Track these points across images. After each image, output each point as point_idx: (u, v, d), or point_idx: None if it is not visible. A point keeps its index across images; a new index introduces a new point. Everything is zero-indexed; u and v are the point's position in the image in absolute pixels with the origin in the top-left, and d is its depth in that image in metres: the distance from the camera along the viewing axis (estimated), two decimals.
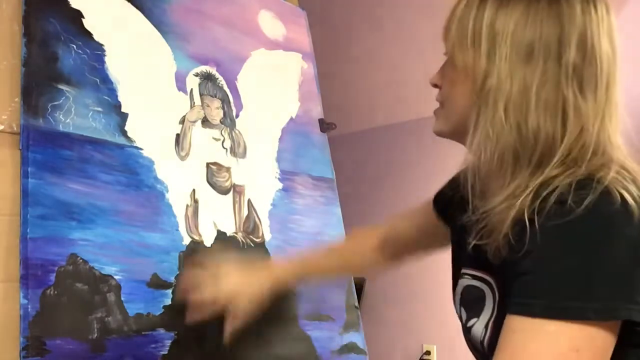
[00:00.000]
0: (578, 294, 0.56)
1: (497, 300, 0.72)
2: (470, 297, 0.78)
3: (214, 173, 1.20)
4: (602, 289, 0.56)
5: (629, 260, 0.57)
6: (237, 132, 1.28)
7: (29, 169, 0.91)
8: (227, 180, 1.22)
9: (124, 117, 1.07)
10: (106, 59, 1.07)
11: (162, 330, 0.99)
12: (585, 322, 0.56)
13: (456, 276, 0.85)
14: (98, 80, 1.05)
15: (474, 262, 0.79)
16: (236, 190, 1.23)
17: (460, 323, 0.82)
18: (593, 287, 0.56)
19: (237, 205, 1.22)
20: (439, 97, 0.78)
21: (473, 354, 0.80)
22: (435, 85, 0.79)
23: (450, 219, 0.90)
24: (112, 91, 1.06)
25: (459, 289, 0.82)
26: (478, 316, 0.74)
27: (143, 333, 0.97)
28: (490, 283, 0.74)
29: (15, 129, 0.93)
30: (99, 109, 1.03)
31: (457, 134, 0.75)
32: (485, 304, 0.73)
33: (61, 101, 0.98)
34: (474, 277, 0.78)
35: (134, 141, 1.07)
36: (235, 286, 1.00)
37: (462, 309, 0.79)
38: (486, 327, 0.72)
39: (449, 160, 0.81)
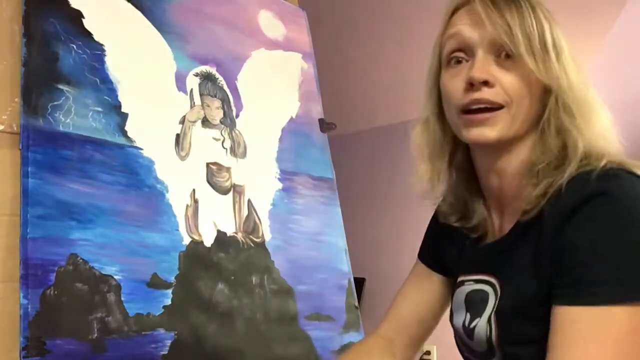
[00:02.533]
0: (636, 277, 0.59)
1: (499, 295, 0.74)
2: (474, 301, 0.79)
3: (214, 173, 1.20)
4: None
5: None
6: (237, 132, 1.28)
7: (29, 169, 0.91)
8: (227, 180, 1.22)
9: (124, 117, 1.07)
10: (106, 59, 1.07)
11: (162, 330, 0.99)
12: None
13: (453, 288, 0.87)
14: (98, 80, 1.05)
15: (476, 266, 0.81)
16: (236, 190, 1.23)
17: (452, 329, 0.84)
18: None
19: (237, 205, 1.22)
20: (500, 97, 0.72)
21: (468, 357, 0.81)
22: (486, 83, 0.72)
23: (443, 251, 0.92)
24: (112, 91, 1.06)
25: (460, 296, 0.83)
26: (480, 315, 0.76)
27: (143, 333, 0.97)
28: (492, 283, 0.77)
29: (15, 129, 0.93)
30: (99, 109, 1.03)
31: (517, 138, 0.74)
32: (488, 303, 0.75)
33: (61, 101, 0.98)
34: (477, 281, 0.80)
35: (134, 141, 1.07)
36: None
37: (467, 314, 0.80)
38: (489, 321, 0.74)
39: None
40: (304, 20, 1.58)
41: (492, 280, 0.77)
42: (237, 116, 1.29)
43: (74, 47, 1.03)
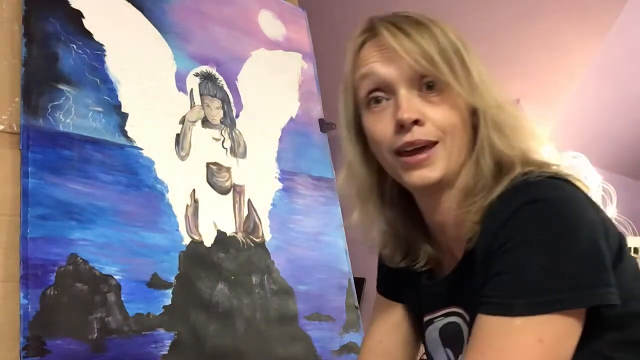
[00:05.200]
0: (555, 288, 0.57)
1: (469, 324, 0.71)
2: (450, 335, 0.77)
3: (214, 173, 1.20)
4: (573, 278, 0.58)
5: (597, 245, 0.59)
6: (237, 132, 1.28)
7: (29, 169, 0.91)
8: (227, 180, 1.22)
9: (124, 117, 1.07)
10: (106, 59, 1.07)
11: (162, 330, 0.99)
12: (555, 313, 0.57)
13: (422, 329, 0.84)
14: (98, 80, 1.05)
15: (440, 301, 0.78)
16: (236, 190, 1.23)
17: None
18: (566, 278, 0.58)
19: (237, 205, 1.22)
20: (433, 134, 0.69)
21: None
22: (417, 122, 0.68)
23: (399, 289, 0.87)
24: (112, 91, 1.06)
25: (434, 334, 0.80)
26: (462, 351, 0.73)
27: (143, 333, 0.97)
28: (460, 314, 0.74)
29: (15, 129, 0.93)
30: (99, 109, 1.03)
31: (454, 174, 0.70)
32: (463, 335, 0.73)
33: (61, 101, 0.98)
34: (446, 314, 0.77)
35: (134, 141, 1.07)
36: None
37: (447, 350, 0.78)
38: None
39: None
40: (304, 20, 1.58)
41: (459, 310, 0.74)
42: (237, 116, 1.29)
43: (74, 47, 1.03)
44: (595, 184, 3.29)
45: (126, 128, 1.06)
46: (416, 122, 0.68)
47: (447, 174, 0.70)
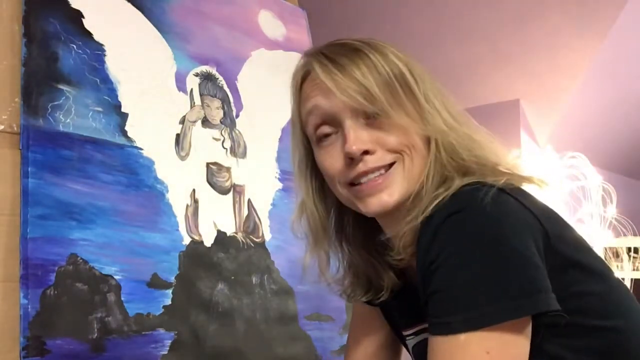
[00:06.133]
0: (487, 299, 0.55)
1: None
2: (424, 352, 0.74)
3: (214, 173, 1.20)
4: (507, 289, 0.55)
5: (526, 252, 0.57)
6: (237, 132, 1.28)
7: (29, 169, 0.91)
8: (227, 180, 1.22)
9: (124, 117, 1.07)
10: (106, 59, 1.07)
11: (162, 330, 0.99)
12: (494, 325, 0.55)
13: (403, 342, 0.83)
14: (98, 80, 1.05)
15: (410, 319, 0.77)
16: (236, 190, 1.23)
17: None
18: (499, 287, 0.55)
19: (237, 205, 1.22)
20: (386, 159, 0.67)
21: None
22: (366, 152, 0.67)
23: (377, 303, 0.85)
24: (112, 91, 1.06)
25: (409, 350, 0.80)
26: None
27: (143, 333, 0.97)
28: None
29: (15, 129, 0.93)
30: (99, 109, 1.03)
31: (410, 196, 0.67)
32: None
33: (61, 101, 0.98)
34: (417, 332, 0.76)
35: (134, 141, 1.07)
36: None
37: None
38: None
39: None
40: (304, 20, 1.58)
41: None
42: (237, 116, 1.29)
43: (74, 47, 1.03)
44: (595, 184, 3.29)
45: (126, 128, 1.06)
46: (366, 152, 0.66)
47: (405, 195, 0.67)
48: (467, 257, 0.57)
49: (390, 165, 0.67)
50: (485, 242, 0.57)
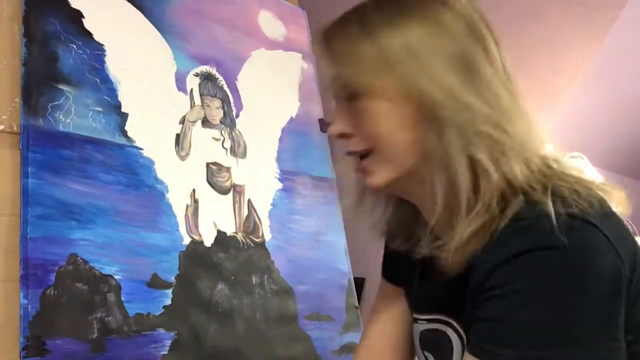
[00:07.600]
0: (550, 343, 0.53)
1: (465, 341, 0.68)
2: (432, 341, 0.74)
3: (214, 173, 1.20)
4: (577, 335, 0.53)
5: (605, 300, 0.54)
6: (237, 132, 1.28)
7: (29, 169, 0.91)
8: (227, 180, 1.22)
9: (124, 117, 1.07)
10: (106, 59, 1.07)
11: (162, 330, 0.99)
12: None
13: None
14: (98, 80, 1.05)
15: (425, 304, 0.75)
16: (236, 190, 1.23)
17: None
18: (567, 334, 0.53)
19: (237, 205, 1.22)
20: (362, 145, 0.64)
21: None
22: (342, 135, 0.65)
23: (403, 276, 0.83)
24: (112, 91, 1.06)
25: (415, 334, 0.78)
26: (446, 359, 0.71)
27: (143, 333, 0.97)
28: (453, 325, 0.70)
29: (15, 129, 0.93)
30: (99, 109, 1.03)
31: (414, 172, 0.63)
32: (454, 347, 0.70)
33: (61, 101, 0.98)
34: (431, 320, 0.74)
35: (134, 141, 1.07)
36: None
37: (428, 353, 0.76)
38: None
39: None
40: (304, 20, 1.58)
41: (450, 320, 0.70)
42: (237, 116, 1.29)
43: (74, 47, 1.03)
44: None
45: (126, 128, 1.06)
46: (343, 135, 0.66)
47: (393, 179, 0.64)
48: (532, 297, 0.54)
49: (369, 152, 0.65)
50: (564, 288, 0.54)
